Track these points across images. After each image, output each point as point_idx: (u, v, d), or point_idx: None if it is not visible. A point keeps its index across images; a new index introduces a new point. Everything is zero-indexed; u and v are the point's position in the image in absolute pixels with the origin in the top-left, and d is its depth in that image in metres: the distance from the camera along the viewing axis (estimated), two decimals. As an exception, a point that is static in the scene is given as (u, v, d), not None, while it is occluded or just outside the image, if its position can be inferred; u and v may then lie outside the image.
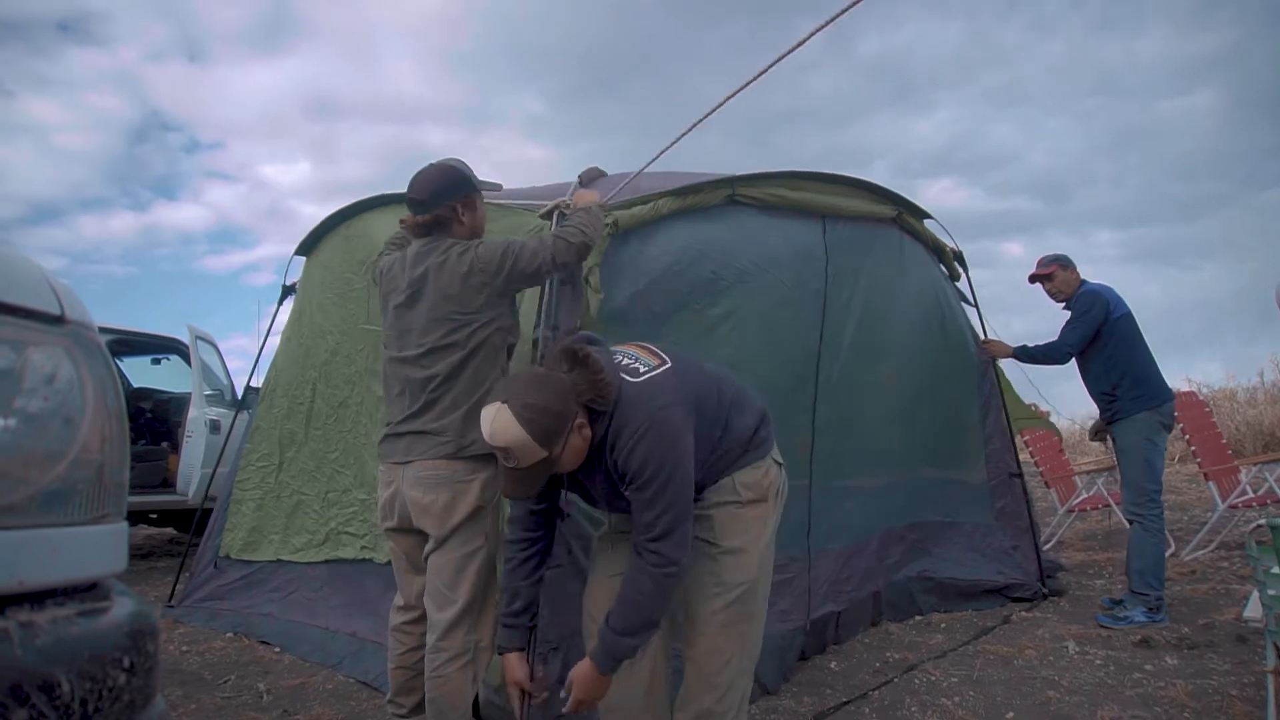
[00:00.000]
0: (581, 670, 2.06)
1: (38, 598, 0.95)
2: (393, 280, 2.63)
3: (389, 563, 3.46)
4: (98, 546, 1.05)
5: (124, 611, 1.03)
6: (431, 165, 2.64)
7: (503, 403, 1.96)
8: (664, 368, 2.10)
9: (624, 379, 2.06)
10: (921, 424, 4.48)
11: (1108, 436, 4.53)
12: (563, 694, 2.10)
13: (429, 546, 2.50)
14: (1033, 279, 4.60)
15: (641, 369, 2.09)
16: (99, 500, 1.06)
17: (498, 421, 1.95)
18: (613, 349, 2.19)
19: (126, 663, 0.97)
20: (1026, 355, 4.65)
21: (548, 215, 2.89)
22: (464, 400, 2.46)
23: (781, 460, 2.32)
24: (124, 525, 1.11)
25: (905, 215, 4.50)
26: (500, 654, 2.29)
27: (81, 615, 0.97)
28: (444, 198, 2.55)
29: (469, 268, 2.46)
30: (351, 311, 4.05)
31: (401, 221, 2.65)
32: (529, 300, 2.88)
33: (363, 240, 4.00)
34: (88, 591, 1.03)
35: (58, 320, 1.05)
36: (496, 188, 2.81)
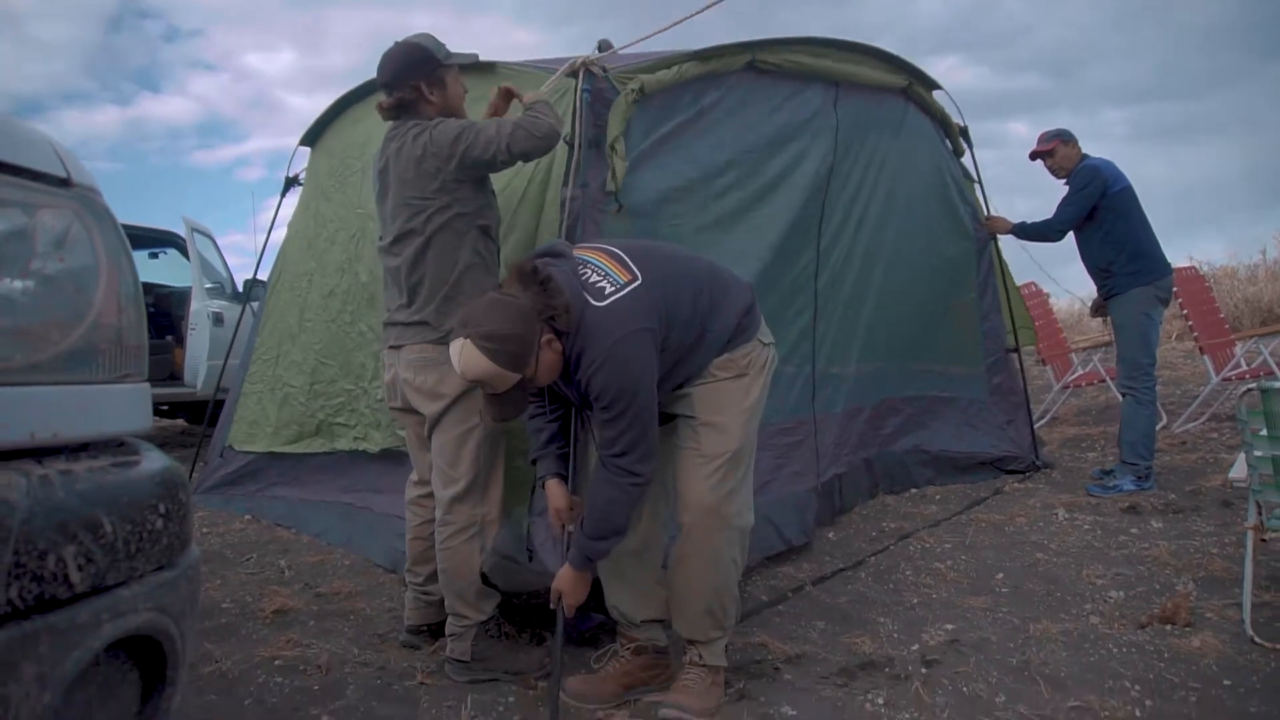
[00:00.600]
0: (563, 572, 2.23)
1: (73, 451, 1.00)
2: (374, 175, 2.62)
3: (381, 452, 3.63)
4: (123, 404, 1.09)
5: (155, 465, 1.08)
6: (396, 44, 2.55)
7: (464, 338, 1.99)
8: (632, 286, 2.08)
9: (587, 301, 2.05)
10: (920, 299, 4.49)
11: (1108, 314, 4.55)
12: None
13: (427, 425, 2.56)
14: (1034, 155, 4.53)
15: (608, 288, 2.07)
16: (120, 360, 1.09)
17: (464, 357, 1.99)
18: (582, 257, 2.16)
19: (162, 509, 1.03)
20: (1023, 232, 4.63)
21: (573, 73, 2.84)
22: (439, 287, 2.46)
23: (770, 340, 2.35)
24: (146, 386, 1.15)
25: (916, 85, 4.41)
26: (541, 485, 2.41)
27: (115, 466, 1.02)
28: (406, 78, 2.49)
29: (422, 151, 2.42)
30: (349, 198, 4.01)
31: (377, 106, 2.61)
32: (559, 163, 2.84)
33: (364, 125, 3.92)
34: (119, 447, 1.08)
35: (64, 183, 1.06)
36: (472, 58, 2.73)
